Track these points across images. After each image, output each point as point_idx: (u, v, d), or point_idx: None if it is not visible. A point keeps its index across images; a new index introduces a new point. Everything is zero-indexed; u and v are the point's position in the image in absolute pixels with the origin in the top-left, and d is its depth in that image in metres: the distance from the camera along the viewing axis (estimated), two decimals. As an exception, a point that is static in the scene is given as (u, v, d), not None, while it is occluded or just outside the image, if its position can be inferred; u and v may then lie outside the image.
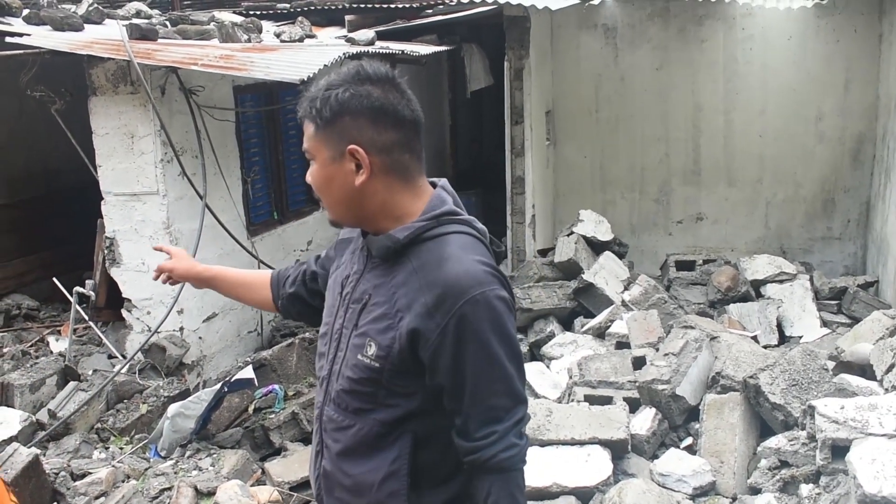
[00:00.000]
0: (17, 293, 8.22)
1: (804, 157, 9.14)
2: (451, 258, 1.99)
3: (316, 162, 2.08)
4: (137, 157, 6.47)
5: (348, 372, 2.10)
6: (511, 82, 8.76)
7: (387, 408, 2.07)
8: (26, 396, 6.02)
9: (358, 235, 2.23)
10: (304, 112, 2.07)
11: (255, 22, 8.52)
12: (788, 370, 5.16)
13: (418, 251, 2.04)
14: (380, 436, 2.08)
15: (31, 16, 7.19)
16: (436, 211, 2.07)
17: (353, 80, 2.03)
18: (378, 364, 2.03)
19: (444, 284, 1.96)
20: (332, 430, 2.17)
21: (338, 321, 2.18)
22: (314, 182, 2.11)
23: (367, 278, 2.12)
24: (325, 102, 2.02)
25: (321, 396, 2.22)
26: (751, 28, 9.01)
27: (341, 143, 2.02)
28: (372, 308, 2.07)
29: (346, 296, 2.17)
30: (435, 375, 1.99)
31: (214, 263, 6.78)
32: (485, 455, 2.00)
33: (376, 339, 2.03)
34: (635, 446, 5.14)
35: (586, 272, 7.44)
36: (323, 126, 2.03)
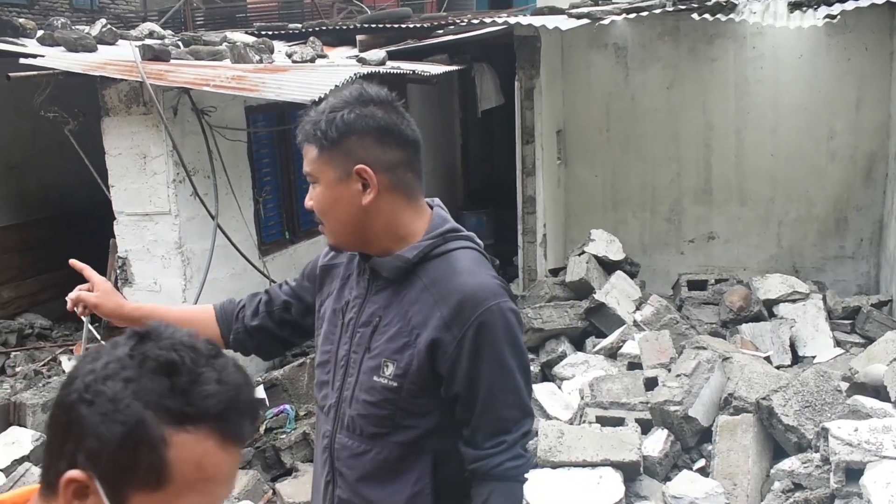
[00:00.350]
0: (30, 312, 8.27)
1: (816, 176, 9.11)
2: (464, 272, 2.05)
3: (320, 184, 2.08)
4: (150, 177, 6.50)
5: (363, 395, 2.09)
6: (522, 102, 8.77)
7: (405, 429, 2.07)
8: (38, 416, 6.03)
9: (349, 261, 2.24)
10: (306, 135, 2.07)
11: (266, 42, 8.58)
12: (802, 391, 5.13)
13: (427, 268, 2.07)
14: (399, 458, 2.09)
15: (45, 37, 7.25)
16: (441, 228, 2.12)
17: (357, 101, 2.05)
18: (397, 383, 2.04)
19: (460, 297, 2.01)
20: (347, 458, 2.15)
21: (342, 348, 2.17)
22: (318, 205, 2.10)
23: (374, 301, 2.13)
24: (330, 123, 2.03)
25: (329, 425, 2.20)
26: (761, 47, 9.01)
27: (348, 163, 2.04)
28: (384, 329, 2.08)
29: (350, 321, 2.16)
30: (451, 385, 2.02)
31: (226, 283, 6.86)
32: (491, 463, 2.04)
33: (394, 359, 2.05)
34: (647, 468, 5.11)
35: (598, 292, 7.42)
36: (329, 147, 2.03)
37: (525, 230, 8.98)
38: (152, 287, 6.64)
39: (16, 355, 7.32)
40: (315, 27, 10.27)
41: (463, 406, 2.05)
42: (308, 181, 2.12)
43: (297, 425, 6.24)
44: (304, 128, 2.08)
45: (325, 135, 2.03)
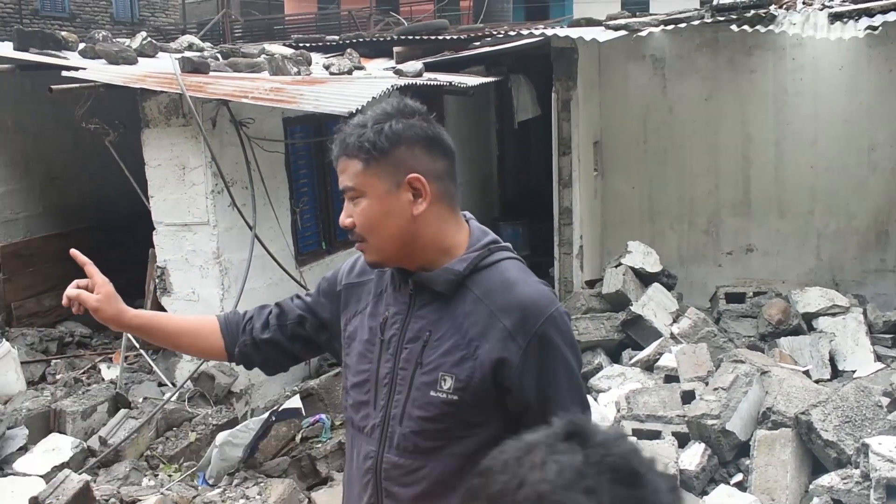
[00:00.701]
0: (70, 321, 8.36)
1: (857, 189, 9.01)
2: (519, 282, 2.05)
3: (367, 198, 2.04)
4: (189, 188, 6.57)
5: (418, 412, 2.05)
6: (559, 113, 8.76)
7: (461, 440, 2.05)
8: (78, 423, 6.10)
9: (378, 277, 2.22)
10: (348, 149, 2.04)
11: (304, 54, 8.65)
12: (841, 406, 5.07)
13: (477, 280, 2.06)
14: (455, 472, 2.05)
15: (87, 50, 7.35)
16: (484, 240, 2.12)
17: (400, 112, 2.04)
18: (457, 397, 2.01)
19: (521, 307, 2.01)
20: (399, 477, 2.10)
21: (384, 365, 2.12)
22: (366, 219, 2.05)
23: (420, 315, 2.09)
24: (378, 134, 2.00)
25: (373, 445, 2.13)
26: (801, 58, 8.93)
27: (398, 174, 2.01)
28: (437, 343, 2.05)
29: (393, 338, 2.11)
30: (521, 396, 2.01)
31: (263, 293, 6.91)
32: None
33: (452, 372, 2.02)
34: (684, 482, 5.07)
35: (634, 304, 7.38)
36: (378, 158, 2.00)
37: (561, 241, 8.96)
38: (190, 296, 6.70)
39: (56, 363, 7.41)
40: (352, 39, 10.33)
41: (534, 414, 2.01)
42: (347, 196, 2.08)
43: (332, 435, 6.26)
44: (346, 141, 2.04)
45: (373, 146, 2.00)
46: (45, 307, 8.22)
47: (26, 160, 8.44)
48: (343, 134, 2.06)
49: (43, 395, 6.53)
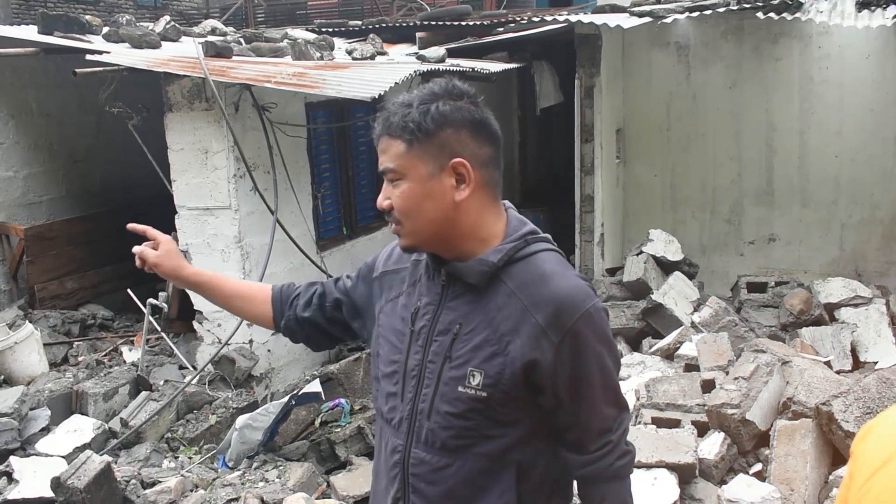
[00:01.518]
0: (93, 303, 8.42)
1: (882, 179, 8.93)
2: (555, 275, 1.98)
3: (407, 180, 1.96)
4: (211, 172, 6.59)
5: (446, 407, 1.99)
6: (581, 100, 8.72)
7: (490, 439, 1.99)
8: (100, 405, 6.15)
9: (413, 266, 2.16)
10: (391, 128, 1.97)
11: (327, 39, 8.64)
12: (863, 397, 5.03)
13: (511, 272, 1.99)
14: (484, 471, 2.01)
15: (111, 34, 7.38)
16: (522, 231, 2.06)
17: (447, 94, 1.97)
18: (485, 393, 1.95)
19: (555, 302, 1.94)
20: (426, 473, 2.05)
21: (413, 357, 2.06)
22: (404, 202, 1.98)
23: (452, 307, 2.03)
24: (424, 115, 1.93)
25: (401, 439, 2.08)
26: (827, 47, 8.84)
27: (442, 157, 1.95)
28: (467, 337, 1.99)
29: (423, 329, 2.05)
30: (553, 393, 1.96)
31: (284, 277, 6.93)
32: (602, 465, 2.01)
33: (482, 368, 1.95)
34: (703, 471, 5.05)
35: (655, 292, 7.36)
36: (422, 139, 1.94)
37: (583, 229, 8.94)
38: (212, 280, 6.72)
39: (78, 345, 7.46)
40: (375, 24, 10.31)
41: (566, 412, 1.99)
42: (387, 178, 2.00)
43: (351, 419, 6.28)
44: (390, 120, 1.97)
45: (418, 126, 1.93)
46: (67, 289, 8.28)
47: (49, 143, 8.50)
48: (387, 112, 1.99)
49: (65, 377, 6.59)
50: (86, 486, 4.62)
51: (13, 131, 8.13)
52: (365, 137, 8.50)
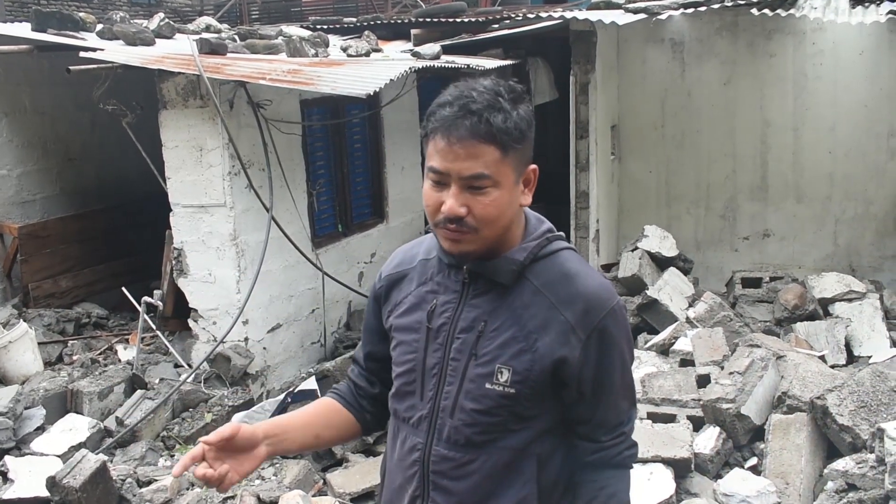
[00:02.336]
0: (87, 302, 8.41)
1: (875, 174, 8.95)
2: (580, 273, 2.01)
3: (499, 188, 1.90)
4: (206, 169, 6.58)
5: (472, 404, 2.00)
6: (576, 97, 8.72)
7: (514, 433, 2.01)
8: (95, 403, 6.14)
9: (422, 265, 2.15)
10: (485, 132, 1.86)
11: (322, 36, 8.64)
12: (857, 391, 5.05)
13: (535, 270, 2.01)
14: (507, 464, 2.02)
15: (105, 31, 7.37)
16: (542, 228, 2.07)
17: (521, 95, 1.95)
18: (514, 390, 1.96)
19: (584, 299, 1.96)
20: (449, 470, 2.04)
21: (432, 355, 2.05)
22: (493, 210, 1.91)
23: (475, 304, 2.02)
24: (521, 119, 1.91)
25: (421, 437, 2.07)
26: (821, 43, 8.86)
27: (523, 163, 1.95)
28: (493, 334, 1.99)
29: (442, 327, 2.05)
30: (577, 387, 1.99)
31: (280, 275, 6.95)
32: (612, 453, 2.05)
33: (510, 365, 1.96)
34: (699, 465, 5.07)
35: (650, 288, 7.37)
36: (515, 146, 1.90)
37: (578, 225, 8.94)
38: (207, 278, 6.72)
39: (73, 344, 7.45)
40: (370, 21, 10.31)
41: (586, 406, 2.01)
42: (470, 184, 1.89)
43: (347, 417, 6.27)
44: (481, 123, 1.86)
45: (518, 132, 1.90)
46: (61, 288, 8.27)
47: (43, 141, 8.48)
48: (467, 111, 1.88)
49: (60, 376, 6.57)
50: (81, 486, 4.62)
51: (7, 129, 8.12)
52: (360, 134, 8.50)
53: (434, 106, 1.94)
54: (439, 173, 1.91)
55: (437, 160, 1.90)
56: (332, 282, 7.59)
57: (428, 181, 1.95)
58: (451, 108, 1.89)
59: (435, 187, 1.93)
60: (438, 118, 1.90)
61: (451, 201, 1.89)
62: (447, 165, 1.89)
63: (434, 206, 1.94)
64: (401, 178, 8.95)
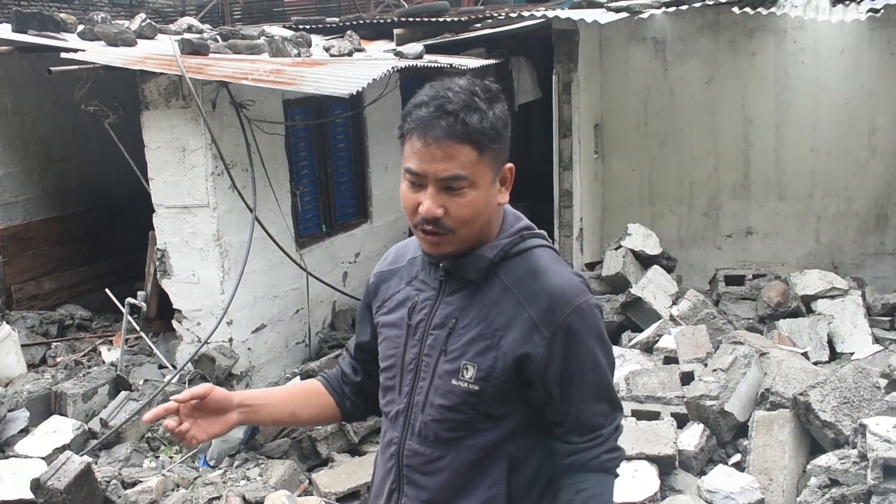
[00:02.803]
0: (71, 303, 8.38)
1: (857, 172, 9.00)
2: (548, 271, 1.99)
3: (476, 188, 1.90)
4: (188, 170, 6.56)
5: (439, 400, 2.00)
6: (559, 95, 8.74)
7: (482, 432, 2.00)
8: (79, 405, 6.12)
9: (410, 263, 2.16)
10: (461, 133, 1.85)
11: (304, 36, 8.63)
12: (839, 387, 5.08)
13: (506, 268, 2.00)
14: (475, 463, 2.01)
15: (86, 32, 7.34)
16: (517, 226, 2.05)
17: (497, 94, 1.93)
18: (478, 387, 1.95)
19: (548, 297, 1.94)
20: (420, 465, 2.05)
21: (410, 351, 2.07)
22: (470, 211, 1.91)
23: (448, 302, 2.03)
24: (496, 119, 1.90)
25: (397, 431, 2.09)
26: (802, 41, 8.90)
27: (499, 162, 1.94)
28: (462, 331, 1.99)
29: (420, 323, 2.06)
30: (544, 388, 1.96)
31: (264, 275, 6.94)
32: (588, 455, 2.01)
33: (475, 362, 1.95)
34: (683, 462, 5.09)
35: (634, 286, 7.39)
36: (491, 146, 1.89)
37: (561, 224, 8.96)
38: (191, 279, 6.71)
39: (57, 346, 7.42)
40: (352, 21, 10.30)
41: (556, 407, 2.00)
42: (447, 185, 1.89)
43: (332, 417, 6.27)
44: (457, 123, 1.85)
45: (494, 131, 1.89)
46: (45, 290, 8.23)
47: (25, 143, 8.44)
48: (443, 112, 1.87)
49: (44, 378, 6.55)
50: (66, 488, 4.61)
51: (-12, 131, 8.08)
52: (344, 134, 8.50)
53: (410, 106, 1.92)
54: (416, 174, 1.90)
55: (414, 161, 1.89)
56: (316, 282, 7.58)
57: (405, 182, 1.94)
58: (426, 109, 1.87)
59: (412, 188, 1.92)
60: (415, 118, 1.89)
61: (427, 202, 1.89)
62: (423, 167, 1.88)
63: (411, 208, 1.93)
64: (384, 178, 8.95)
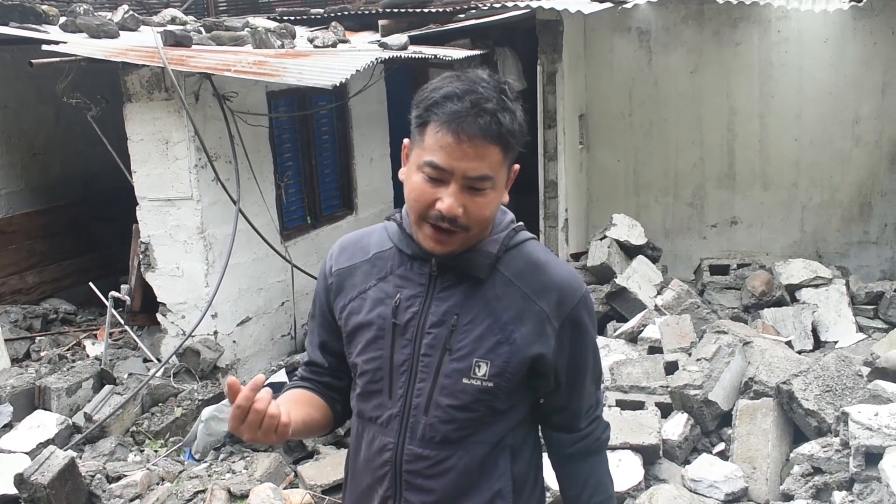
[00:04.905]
0: (55, 297, 8.35)
1: (841, 161, 9.03)
2: (549, 263, 2.01)
3: (496, 189, 1.87)
4: (172, 162, 6.54)
5: (447, 400, 1.94)
6: (544, 86, 8.74)
7: (489, 426, 1.98)
8: (63, 400, 6.10)
9: (377, 258, 2.07)
10: (494, 133, 1.80)
11: (288, 27, 8.58)
12: (822, 376, 5.10)
13: (505, 261, 1.98)
14: (483, 458, 1.99)
15: (68, 24, 7.27)
16: (506, 219, 2.04)
17: (514, 93, 1.88)
18: (492, 383, 1.92)
19: (557, 288, 1.96)
20: (423, 469, 1.99)
21: (400, 352, 1.98)
22: (488, 211, 1.88)
23: (443, 298, 1.96)
24: (523, 122, 1.87)
25: (392, 437, 2.00)
26: (786, 31, 8.92)
27: (512, 163, 1.91)
28: (468, 327, 1.94)
29: (410, 322, 1.97)
30: (553, 377, 1.99)
31: (248, 268, 6.92)
32: (591, 440, 2.10)
33: (488, 358, 1.92)
34: (667, 451, 5.11)
35: (619, 276, 7.41)
36: (514, 147, 1.86)
37: (547, 215, 8.96)
38: (175, 272, 6.68)
39: (40, 340, 7.39)
40: (337, 12, 10.25)
41: (562, 395, 2.03)
42: (472, 185, 1.83)
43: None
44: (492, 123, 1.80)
45: (520, 133, 1.85)
46: (28, 284, 8.19)
47: (7, 136, 8.38)
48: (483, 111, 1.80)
49: (27, 372, 6.52)
50: (50, 482, 4.59)
51: (-30, 124, 8.03)
52: (328, 125, 8.47)
53: (437, 96, 1.84)
54: (440, 170, 1.81)
55: (441, 156, 1.80)
56: (301, 274, 7.56)
57: (421, 174, 1.85)
58: (461, 103, 1.79)
59: (430, 183, 1.84)
60: (448, 112, 1.80)
61: (450, 200, 1.81)
62: (452, 163, 1.80)
63: (426, 203, 1.84)
64: (369, 170, 8.93)
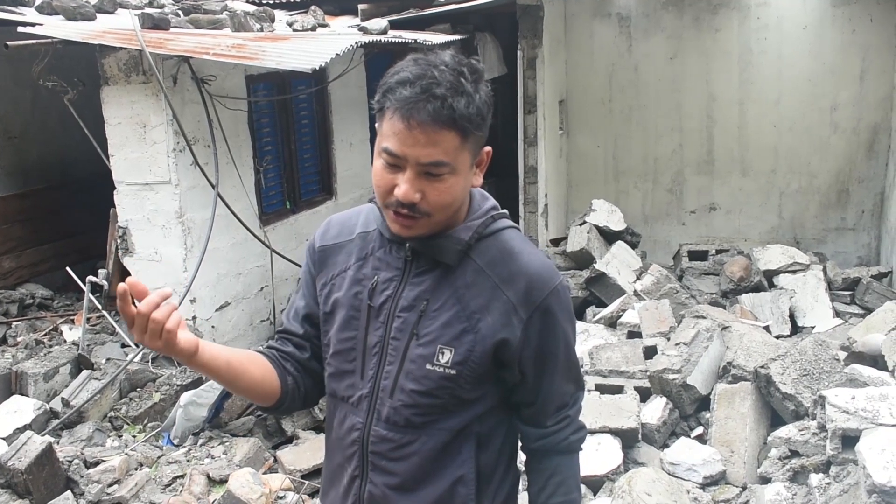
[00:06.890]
0: (31, 282, 8.28)
1: (819, 148, 9.09)
2: (523, 252, 1.95)
3: (456, 174, 1.82)
4: (150, 146, 6.49)
5: (411, 385, 1.93)
6: (524, 71, 8.74)
7: (454, 415, 1.95)
8: (40, 385, 6.06)
9: (361, 238, 2.06)
10: (447, 118, 1.75)
11: (267, 11, 8.52)
12: (800, 360, 5.14)
13: (479, 249, 1.94)
14: (446, 445, 1.97)
15: (44, 5, 7.20)
16: (486, 206, 2.00)
17: (480, 74, 1.83)
18: (455, 371, 1.90)
19: (526, 278, 1.91)
20: (388, 451, 1.98)
21: (373, 333, 1.97)
22: (449, 197, 1.84)
23: (416, 283, 1.94)
24: (483, 104, 1.82)
25: (360, 417, 2.00)
26: (766, 17, 8.95)
27: (478, 146, 1.86)
28: (435, 314, 1.92)
29: (384, 305, 1.96)
30: (519, 368, 1.94)
31: (227, 253, 6.89)
32: (557, 439, 2.03)
33: (451, 346, 1.90)
34: (646, 435, 5.13)
35: (598, 262, 7.43)
36: (475, 131, 1.81)
37: (526, 200, 8.97)
38: (153, 257, 6.65)
39: (17, 325, 7.34)
40: (316, -4, 10.20)
41: (528, 388, 1.99)
42: (427, 170, 1.80)
43: (297, 394, 6.26)
44: (444, 108, 1.75)
45: (478, 117, 1.80)
46: (4, 269, 8.13)
47: (-17, 120, 8.31)
48: (433, 96, 1.76)
49: (4, 358, 6.48)
50: (27, 468, 4.57)
51: (-56, 108, 7.94)
52: (308, 110, 8.43)
53: (392, 81, 1.80)
54: (395, 156, 1.79)
55: (394, 143, 1.78)
56: (280, 259, 7.54)
57: (380, 160, 1.83)
58: (411, 88, 1.76)
59: (388, 169, 1.82)
60: (399, 98, 1.77)
61: (405, 187, 1.80)
62: (404, 150, 1.78)
63: (386, 188, 1.83)
64: (349, 154, 8.90)
